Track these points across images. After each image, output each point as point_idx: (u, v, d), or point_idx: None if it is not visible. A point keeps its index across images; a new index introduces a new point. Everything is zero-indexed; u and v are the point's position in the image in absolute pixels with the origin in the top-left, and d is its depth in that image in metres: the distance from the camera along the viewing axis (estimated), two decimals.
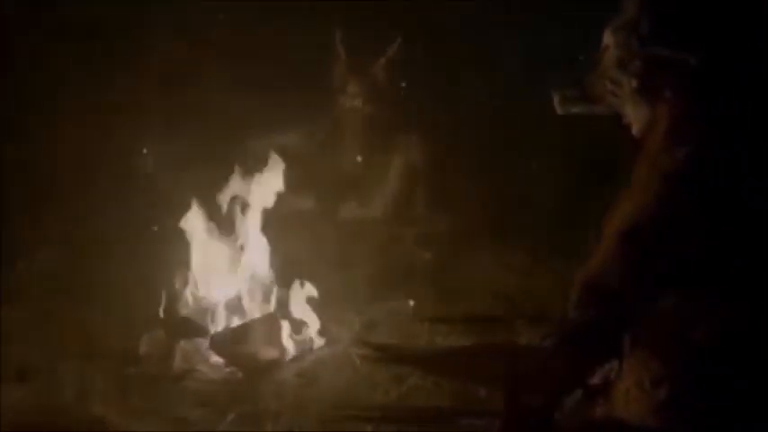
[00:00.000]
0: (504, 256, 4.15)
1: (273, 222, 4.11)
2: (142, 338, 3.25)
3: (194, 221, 3.46)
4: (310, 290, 3.55)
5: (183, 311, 3.35)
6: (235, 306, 3.42)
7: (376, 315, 3.68)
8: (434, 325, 3.55)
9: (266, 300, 3.46)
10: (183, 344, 3.24)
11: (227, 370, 3.21)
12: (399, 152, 4.44)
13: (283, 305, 3.48)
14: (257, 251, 3.54)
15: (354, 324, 3.59)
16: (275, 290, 3.50)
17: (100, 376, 3.04)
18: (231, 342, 3.23)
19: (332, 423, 2.87)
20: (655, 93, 2.27)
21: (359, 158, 4.43)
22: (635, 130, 2.37)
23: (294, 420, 2.88)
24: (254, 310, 3.42)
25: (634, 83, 2.27)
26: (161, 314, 3.31)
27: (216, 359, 3.23)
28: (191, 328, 3.25)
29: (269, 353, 3.24)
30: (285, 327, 3.34)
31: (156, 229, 3.72)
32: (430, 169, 4.43)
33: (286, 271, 3.69)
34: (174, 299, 3.35)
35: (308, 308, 3.48)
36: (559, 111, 2.48)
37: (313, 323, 3.44)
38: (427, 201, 4.43)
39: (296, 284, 3.55)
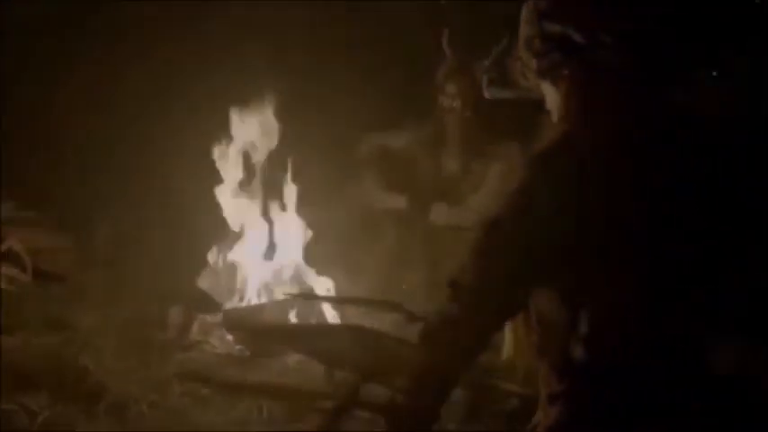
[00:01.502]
0: None
1: (360, 219, 4.19)
2: (171, 310, 3.45)
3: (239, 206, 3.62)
4: (350, 284, 3.56)
5: (211, 288, 3.49)
6: (263, 289, 3.52)
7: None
8: None
9: (293, 286, 3.52)
10: (207, 318, 3.40)
11: (238, 347, 3.32)
12: (497, 158, 4.26)
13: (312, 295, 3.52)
14: (296, 238, 3.61)
15: (384, 321, 3.53)
16: (305, 278, 3.55)
17: (116, 338, 3.27)
18: (242, 321, 3.33)
19: (302, 409, 2.88)
20: (556, 75, 2.03)
21: (455, 162, 4.32)
22: (552, 117, 2.14)
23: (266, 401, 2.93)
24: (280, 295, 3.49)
25: (534, 63, 2.05)
26: (187, 289, 3.50)
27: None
28: (209, 303, 3.39)
29: None
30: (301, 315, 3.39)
31: None
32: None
33: (340, 264, 3.74)
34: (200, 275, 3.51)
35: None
36: (486, 95, 2.30)
37: (332, 316, 3.44)
38: None
39: (339, 277, 3.58)
